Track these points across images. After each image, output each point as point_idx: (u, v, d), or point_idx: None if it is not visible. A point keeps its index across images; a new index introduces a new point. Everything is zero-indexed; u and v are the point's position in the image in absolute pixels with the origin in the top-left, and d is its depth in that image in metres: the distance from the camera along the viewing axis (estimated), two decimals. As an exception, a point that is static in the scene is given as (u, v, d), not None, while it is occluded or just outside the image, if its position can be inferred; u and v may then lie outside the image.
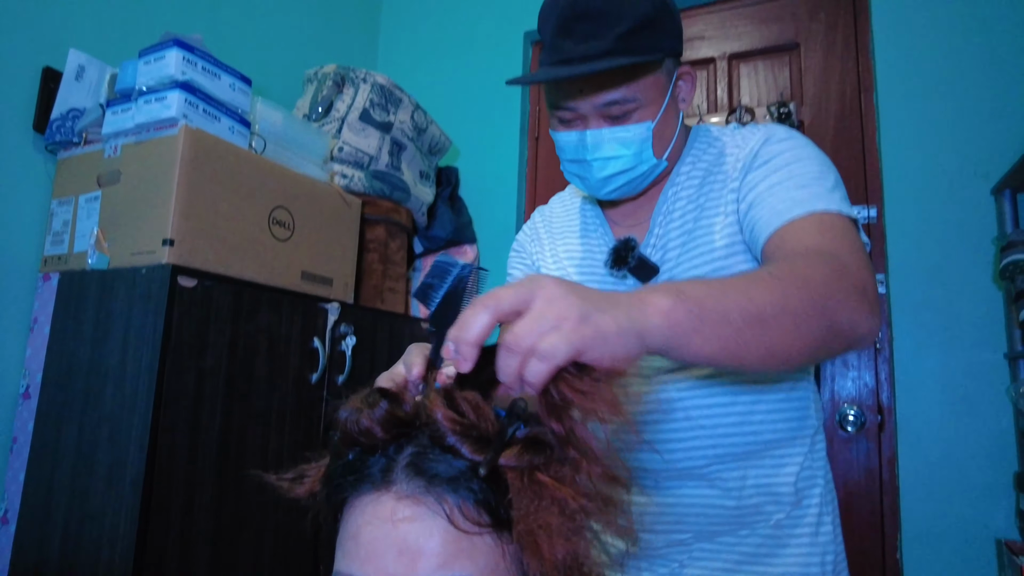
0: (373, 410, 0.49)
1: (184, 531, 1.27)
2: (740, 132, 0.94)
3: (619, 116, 0.85)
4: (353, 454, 0.51)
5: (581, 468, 0.48)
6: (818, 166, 0.81)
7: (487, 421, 0.48)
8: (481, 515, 0.47)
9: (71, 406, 1.35)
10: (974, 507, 1.59)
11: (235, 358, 1.39)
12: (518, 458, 0.47)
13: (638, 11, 0.81)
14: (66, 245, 1.48)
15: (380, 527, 0.46)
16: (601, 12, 0.80)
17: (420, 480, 0.47)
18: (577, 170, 0.91)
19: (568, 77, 0.81)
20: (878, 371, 1.77)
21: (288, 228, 1.57)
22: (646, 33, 0.81)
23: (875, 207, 1.84)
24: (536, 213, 1.15)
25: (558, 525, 0.45)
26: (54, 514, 1.31)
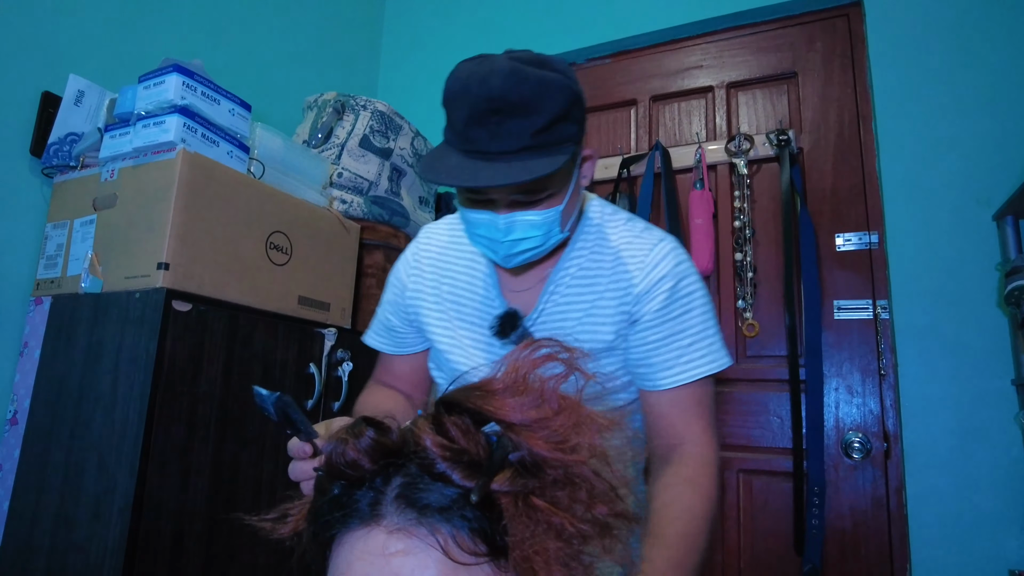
0: (359, 440, 0.47)
1: (173, 562, 1.23)
2: (639, 244, 0.99)
3: (530, 202, 0.88)
4: (338, 488, 0.48)
5: (577, 493, 0.46)
6: (707, 314, 0.98)
7: (477, 445, 0.46)
8: (477, 544, 0.44)
9: (59, 432, 1.32)
10: (986, 537, 1.55)
11: (229, 383, 1.37)
12: (512, 482, 0.45)
13: (554, 106, 0.81)
14: (59, 269, 1.46)
15: (372, 562, 0.44)
16: (516, 107, 0.80)
17: (411, 512, 0.45)
18: (487, 244, 0.94)
19: (490, 186, 0.82)
20: (883, 397, 1.74)
21: (286, 253, 1.56)
22: (560, 126, 0.83)
23: (876, 233, 1.83)
24: (421, 241, 1.15)
25: (555, 550, 0.44)
26: (38, 546, 1.27)
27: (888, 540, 1.67)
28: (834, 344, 1.82)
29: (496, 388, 0.49)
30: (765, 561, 1.77)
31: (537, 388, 0.48)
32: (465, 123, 0.82)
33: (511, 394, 0.48)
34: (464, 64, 0.86)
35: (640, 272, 0.97)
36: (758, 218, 1.99)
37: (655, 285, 0.96)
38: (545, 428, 0.47)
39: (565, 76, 0.84)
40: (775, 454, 1.82)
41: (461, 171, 0.82)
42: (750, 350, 1.91)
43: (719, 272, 1.99)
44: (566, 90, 0.83)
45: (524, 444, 0.46)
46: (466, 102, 0.81)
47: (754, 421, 1.86)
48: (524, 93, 0.79)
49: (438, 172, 0.84)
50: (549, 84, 0.81)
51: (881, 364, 1.76)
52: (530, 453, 0.46)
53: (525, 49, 0.89)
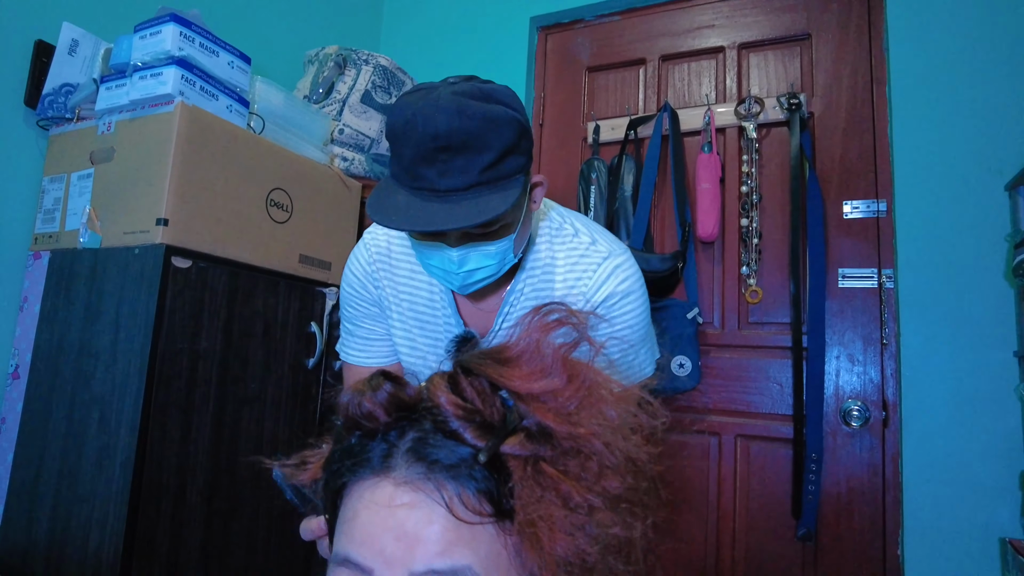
0: (376, 393, 0.48)
1: (176, 515, 1.25)
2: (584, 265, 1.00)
3: (482, 235, 0.87)
4: (354, 438, 0.49)
5: (588, 464, 0.46)
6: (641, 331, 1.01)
7: (492, 408, 0.47)
8: (482, 504, 0.45)
9: (61, 387, 1.32)
10: (979, 505, 1.57)
11: (230, 341, 1.36)
12: (523, 446, 0.45)
13: (501, 141, 0.80)
14: (57, 223, 1.44)
15: (378, 512, 0.45)
16: (464, 144, 0.78)
17: (420, 466, 0.45)
18: (442, 275, 0.93)
19: (442, 230, 0.79)
20: (884, 366, 1.74)
21: (286, 210, 1.54)
22: (508, 159, 0.82)
23: (884, 201, 1.81)
24: (370, 247, 1.10)
25: (561, 518, 0.44)
26: (43, 496, 1.29)
27: (882, 507, 1.68)
28: (837, 312, 1.81)
29: (510, 356, 0.49)
30: (760, 524, 1.80)
31: (549, 356, 0.48)
32: (412, 161, 0.80)
33: (524, 362, 0.48)
34: (406, 97, 0.84)
35: (583, 298, 0.99)
36: (765, 183, 1.96)
37: (593, 297, 0.99)
38: (554, 400, 0.47)
39: (510, 108, 0.83)
40: (774, 420, 1.83)
41: (413, 213, 0.80)
42: (752, 316, 1.91)
43: (724, 238, 1.97)
44: (512, 123, 0.81)
45: (532, 415, 0.46)
46: (412, 140, 0.79)
47: (754, 387, 1.87)
48: (470, 130, 0.78)
49: (389, 215, 0.81)
50: (495, 118, 0.79)
51: (883, 333, 1.75)
52: (538, 424, 0.46)
53: (469, 77, 0.87)
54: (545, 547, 0.43)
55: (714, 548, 1.84)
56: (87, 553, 1.19)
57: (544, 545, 0.43)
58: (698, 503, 1.86)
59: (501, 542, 0.45)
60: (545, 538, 0.43)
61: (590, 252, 1.01)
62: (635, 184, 2.01)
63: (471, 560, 0.43)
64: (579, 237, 1.03)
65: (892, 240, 1.77)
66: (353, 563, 0.45)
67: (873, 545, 1.68)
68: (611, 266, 0.99)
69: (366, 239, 1.12)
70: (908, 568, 1.62)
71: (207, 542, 1.31)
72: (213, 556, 1.32)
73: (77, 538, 1.21)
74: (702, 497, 1.86)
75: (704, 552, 1.84)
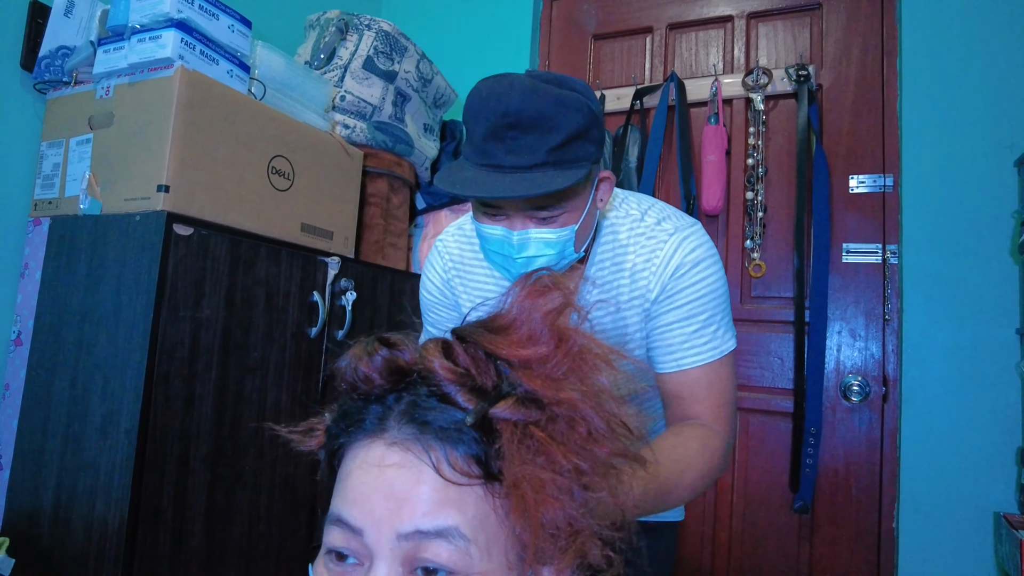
0: (372, 358, 0.48)
1: (180, 482, 1.26)
2: (651, 246, 0.99)
3: (545, 219, 0.88)
4: (352, 402, 0.50)
5: (576, 428, 0.47)
6: (716, 301, 0.97)
7: (486, 373, 0.48)
8: (471, 466, 0.46)
9: (64, 354, 1.32)
10: (974, 480, 1.59)
11: (232, 310, 1.36)
12: (512, 410, 0.46)
13: (571, 124, 0.82)
14: (57, 189, 1.43)
15: (368, 471, 0.46)
16: (534, 123, 0.81)
17: (411, 427, 0.46)
18: (501, 261, 0.94)
19: (503, 197, 0.82)
20: (885, 342, 1.75)
21: (288, 178, 1.52)
22: (577, 144, 0.83)
23: (892, 175, 1.79)
24: (442, 253, 1.15)
25: (547, 482, 0.44)
26: (48, 462, 1.29)
27: (879, 481, 1.70)
28: (840, 287, 1.80)
29: (501, 323, 0.49)
30: (757, 497, 1.82)
31: (538, 322, 0.49)
32: (483, 137, 0.83)
33: (514, 329, 0.49)
34: (485, 81, 0.87)
35: (654, 277, 0.98)
36: (772, 156, 1.94)
37: (668, 283, 0.97)
38: (543, 366, 0.47)
39: (583, 96, 0.85)
40: (774, 394, 1.84)
41: (476, 183, 0.83)
42: (755, 290, 1.90)
43: (728, 211, 1.95)
44: (584, 109, 0.83)
45: (520, 381, 0.47)
46: (484, 117, 0.82)
47: (755, 361, 1.87)
48: (541, 109, 0.80)
49: (454, 183, 0.84)
50: (566, 102, 0.81)
51: (886, 309, 1.75)
52: (527, 390, 0.47)
53: (547, 71, 0.89)
54: (531, 510, 0.43)
55: (711, 519, 1.87)
56: (93, 518, 1.20)
57: (530, 508, 0.43)
58: (696, 475, 1.88)
59: (490, 504, 0.46)
60: (531, 501, 0.43)
61: (656, 232, 0.99)
62: (640, 155, 1.99)
63: (458, 521, 0.44)
64: (645, 220, 1.02)
65: (898, 215, 1.76)
66: (345, 523, 0.46)
67: (868, 518, 1.70)
68: (678, 239, 0.98)
69: (438, 247, 1.16)
70: (902, 540, 1.65)
71: (211, 509, 1.32)
72: (217, 523, 1.33)
73: (83, 503, 1.22)
74: (700, 469, 1.88)
75: (701, 522, 1.87)
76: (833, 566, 1.72)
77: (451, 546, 0.44)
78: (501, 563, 0.46)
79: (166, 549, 1.23)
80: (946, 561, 1.59)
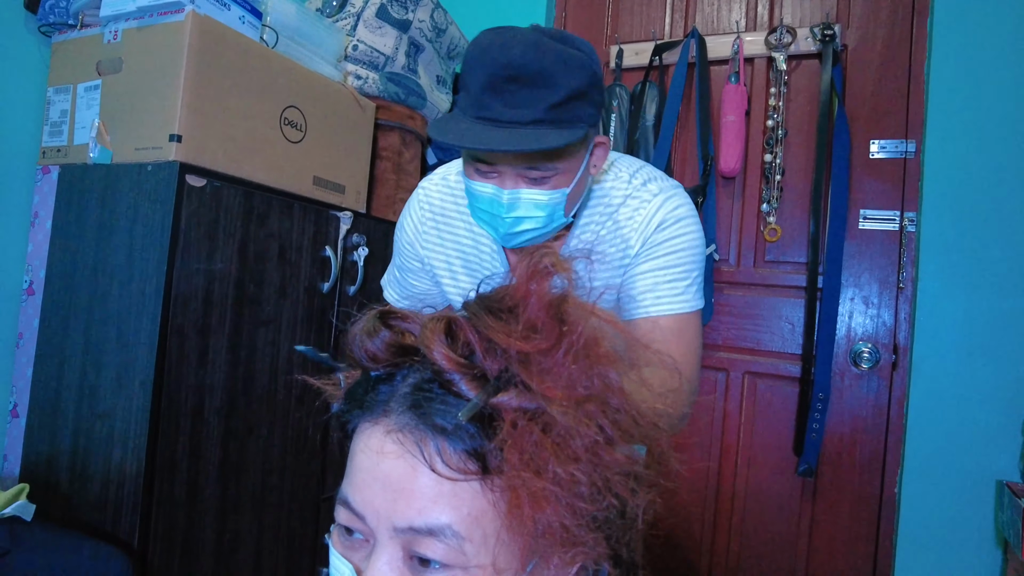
0: (372, 340, 0.47)
1: (195, 434, 1.27)
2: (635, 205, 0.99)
3: (537, 179, 0.87)
4: (361, 379, 0.49)
5: (582, 432, 0.43)
6: (692, 258, 0.98)
7: (492, 358, 0.44)
8: (466, 463, 0.43)
9: (77, 304, 1.31)
10: (979, 449, 1.60)
11: (245, 263, 1.35)
12: (514, 401, 0.43)
13: (572, 82, 0.80)
14: (65, 136, 1.40)
15: (370, 457, 0.46)
16: (534, 78, 0.79)
17: (410, 415, 0.45)
18: (488, 219, 0.92)
19: (497, 150, 0.80)
20: (898, 310, 1.74)
21: (300, 130, 1.49)
22: (576, 104, 0.81)
23: (914, 141, 1.75)
24: (422, 203, 1.14)
25: (543, 486, 0.42)
26: (64, 411, 1.30)
27: (883, 447, 1.72)
28: (855, 254, 1.79)
29: (503, 307, 0.46)
30: (762, 459, 1.84)
31: (540, 312, 0.45)
32: (481, 89, 0.81)
33: (516, 317, 0.45)
34: (487, 32, 0.84)
35: (636, 233, 0.98)
36: (792, 118, 1.89)
37: (649, 237, 0.97)
38: (544, 360, 0.44)
39: (587, 56, 0.83)
40: (783, 359, 1.84)
41: (471, 134, 0.80)
42: (769, 254, 1.89)
43: (746, 173, 1.92)
44: (586, 68, 0.81)
45: (521, 378, 0.44)
46: (484, 68, 0.80)
47: (765, 325, 1.87)
48: (543, 64, 0.78)
49: (447, 133, 0.82)
50: (569, 59, 0.80)
51: (900, 277, 1.74)
52: (526, 384, 0.44)
53: (553, 28, 0.87)
54: (525, 513, 0.42)
55: (715, 480, 1.89)
56: (110, 467, 1.22)
57: (524, 511, 0.42)
58: (701, 436, 1.90)
59: (488, 499, 0.44)
60: (526, 504, 0.42)
61: (641, 192, 1.00)
62: (658, 113, 1.95)
63: (451, 519, 0.43)
64: (632, 183, 1.01)
65: (918, 182, 1.73)
66: (350, 506, 0.47)
67: (871, 483, 1.72)
68: (663, 199, 0.99)
69: (419, 195, 1.14)
70: (904, 505, 1.67)
71: (225, 460, 1.33)
72: (231, 474, 1.35)
73: (100, 453, 1.24)
74: (705, 431, 1.90)
75: (705, 484, 1.90)
76: (834, 528, 1.75)
77: (443, 544, 0.43)
78: (506, 557, 0.44)
79: (182, 498, 1.25)
80: (946, 527, 1.62)
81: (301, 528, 1.52)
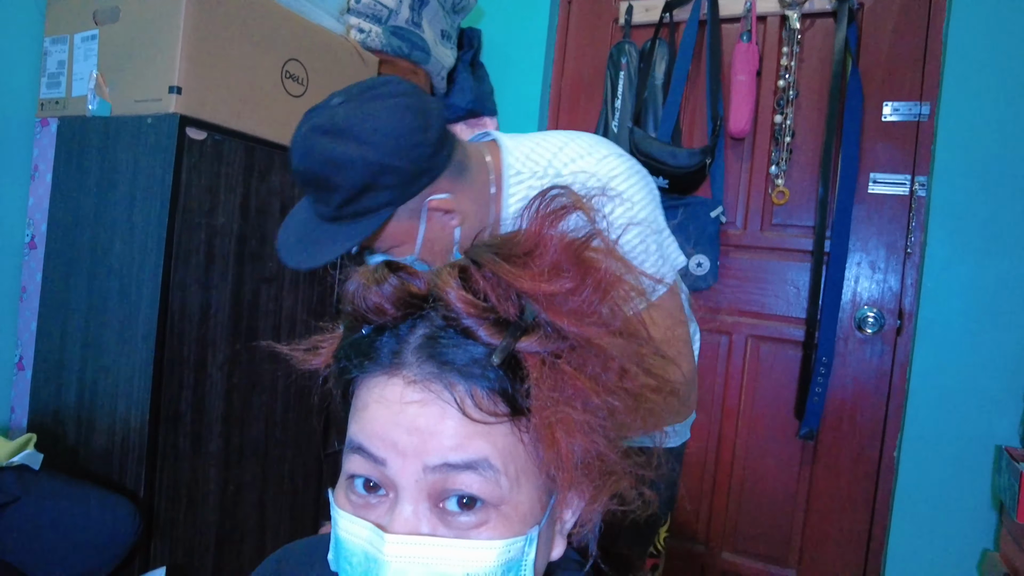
0: (381, 287, 0.45)
1: (198, 387, 1.28)
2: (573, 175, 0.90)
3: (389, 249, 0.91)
4: (363, 331, 0.47)
5: (608, 363, 0.44)
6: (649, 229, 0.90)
7: (506, 303, 0.44)
8: (497, 404, 0.43)
9: (79, 258, 1.31)
10: (979, 414, 1.60)
11: (247, 218, 1.34)
12: (539, 344, 0.43)
13: (349, 182, 0.80)
14: (63, 88, 1.38)
15: (389, 407, 0.43)
16: (313, 183, 0.83)
17: (431, 365, 0.43)
18: None
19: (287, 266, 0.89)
20: (905, 276, 1.72)
21: (302, 84, 1.46)
22: (367, 196, 0.82)
23: (928, 104, 1.71)
24: None
25: (578, 419, 0.42)
26: (68, 364, 1.31)
27: (884, 412, 1.72)
28: (863, 218, 1.77)
29: (519, 252, 0.45)
30: (763, 423, 1.85)
31: (561, 253, 0.45)
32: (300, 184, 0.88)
33: (534, 259, 0.45)
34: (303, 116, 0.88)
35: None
36: (804, 79, 1.85)
37: None
38: (569, 300, 0.44)
39: (365, 146, 0.79)
40: (787, 323, 1.83)
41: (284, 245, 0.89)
42: (776, 218, 1.87)
43: (755, 134, 1.89)
44: (357, 165, 0.79)
45: (545, 317, 0.44)
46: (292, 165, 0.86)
47: (770, 289, 1.86)
48: (314, 171, 0.81)
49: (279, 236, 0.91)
50: (339, 161, 0.79)
51: (909, 242, 1.72)
52: (552, 324, 0.44)
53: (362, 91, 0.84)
54: (562, 448, 0.42)
55: (715, 442, 1.91)
56: (115, 419, 1.23)
57: (561, 446, 0.42)
58: (703, 399, 1.91)
59: (517, 436, 0.44)
60: (562, 439, 0.42)
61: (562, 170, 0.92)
62: (667, 72, 1.91)
63: (488, 452, 0.43)
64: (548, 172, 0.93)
65: (931, 146, 1.70)
66: (366, 452, 0.44)
67: (871, 447, 1.73)
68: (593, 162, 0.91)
69: None
70: (902, 468, 1.68)
71: (228, 414, 1.35)
72: (234, 427, 1.36)
73: (105, 405, 1.25)
74: (707, 394, 1.90)
75: (705, 447, 1.91)
76: (832, 489, 1.77)
77: (481, 477, 0.42)
78: (530, 494, 0.45)
79: (186, 450, 1.27)
80: (942, 489, 1.63)
81: (304, 481, 1.55)
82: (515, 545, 0.44)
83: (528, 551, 0.45)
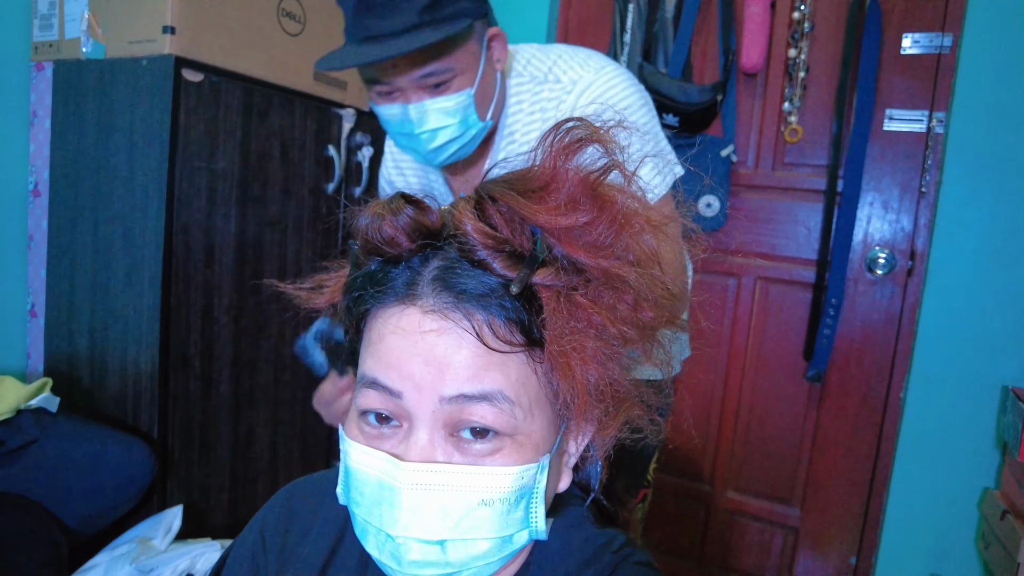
0: (396, 217, 0.45)
1: (206, 331, 1.29)
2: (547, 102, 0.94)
3: (438, 85, 0.86)
4: (375, 264, 0.47)
5: (623, 295, 0.45)
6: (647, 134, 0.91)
7: (521, 236, 0.44)
8: (513, 334, 0.44)
9: (82, 205, 1.31)
10: (987, 355, 1.59)
11: (248, 162, 1.33)
12: (555, 276, 0.44)
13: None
14: (56, 30, 1.35)
15: (405, 337, 0.44)
16: None
17: (447, 295, 0.44)
18: (407, 142, 0.92)
19: (378, 61, 0.80)
20: (918, 216, 1.69)
21: (299, 21, 1.42)
22: (448, 1, 0.81)
23: (951, 35, 1.64)
24: (388, 142, 1.17)
25: (593, 348, 0.43)
26: (79, 310, 1.33)
27: (893, 353, 1.72)
28: (878, 157, 1.72)
29: (534, 186, 0.45)
30: (770, 364, 1.85)
31: (577, 186, 0.45)
32: (354, 11, 0.82)
33: (550, 193, 0.45)
34: None
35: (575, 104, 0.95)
36: (820, 10, 1.77)
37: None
38: (586, 234, 0.44)
39: None
40: (797, 264, 1.81)
41: (352, 55, 0.82)
42: (788, 156, 1.82)
43: (768, 70, 1.82)
44: None
45: (561, 250, 0.44)
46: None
47: (780, 230, 1.83)
48: None
49: (331, 60, 0.84)
50: None
51: (923, 181, 1.68)
52: (568, 258, 0.44)
53: None
54: (577, 376, 0.43)
55: (721, 384, 1.92)
56: (127, 363, 1.25)
57: (577, 375, 0.43)
58: (709, 340, 1.91)
59: (531, 367, 0.45)
60: (578, 368, 0.43)
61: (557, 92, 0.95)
62: (678, 4, 1.84)
63: (502, 384, 0.44)
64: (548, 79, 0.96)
65: (951, 80, 1.64)
66: (381, 385, 0.45)
67: (878, 388, 1.73)
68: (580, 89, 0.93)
69: (384, 155, 1.19)
70: (908, 408, 1.69)
71: (237, 358, 1.36)
72: (244, 371, 1.38)
73: (116, 350, 1.27)
74: (714, 335, 1.90)
75: (711, 388, 1.92)
76: (838, 430, 1.79)
77: (495, 408, 0.43)
78: (543, 424, 0.46)
79: (197, 393, 1.29)
80: (948, 428, 1.64)
81: (315, 423, 1.58)
82: (528, 471, 0.45)
83: (540, 478, 0.46)
